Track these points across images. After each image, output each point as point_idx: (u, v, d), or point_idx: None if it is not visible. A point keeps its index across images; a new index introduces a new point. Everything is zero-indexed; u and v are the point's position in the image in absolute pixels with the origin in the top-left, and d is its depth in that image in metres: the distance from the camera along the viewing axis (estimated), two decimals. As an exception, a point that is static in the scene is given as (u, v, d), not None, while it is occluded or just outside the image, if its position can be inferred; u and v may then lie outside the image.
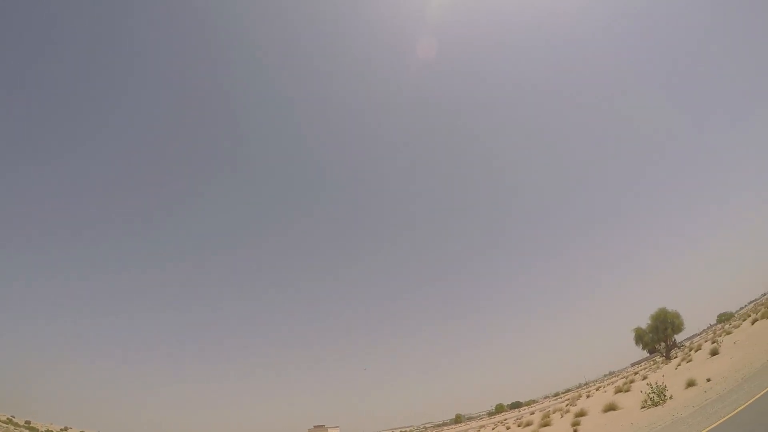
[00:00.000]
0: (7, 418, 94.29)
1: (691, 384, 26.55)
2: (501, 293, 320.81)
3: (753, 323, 47.95)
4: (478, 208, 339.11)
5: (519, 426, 54.73)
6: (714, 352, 39.39)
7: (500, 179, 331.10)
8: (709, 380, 25.49)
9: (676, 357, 61.71)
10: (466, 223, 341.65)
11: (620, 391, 44.37)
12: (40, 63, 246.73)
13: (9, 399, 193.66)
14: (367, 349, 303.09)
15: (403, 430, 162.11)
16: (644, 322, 73.18)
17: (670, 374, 39.99)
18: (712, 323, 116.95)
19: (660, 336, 69.53)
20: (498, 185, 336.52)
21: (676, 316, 69.41)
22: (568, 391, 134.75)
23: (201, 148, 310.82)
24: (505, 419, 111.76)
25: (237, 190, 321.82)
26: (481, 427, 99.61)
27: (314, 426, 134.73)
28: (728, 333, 55.08)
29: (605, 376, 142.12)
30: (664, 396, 25.38)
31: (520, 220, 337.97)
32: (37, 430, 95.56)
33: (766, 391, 15.09)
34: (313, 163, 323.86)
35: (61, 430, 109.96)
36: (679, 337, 78.06)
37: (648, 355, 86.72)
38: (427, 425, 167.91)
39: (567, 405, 57.45)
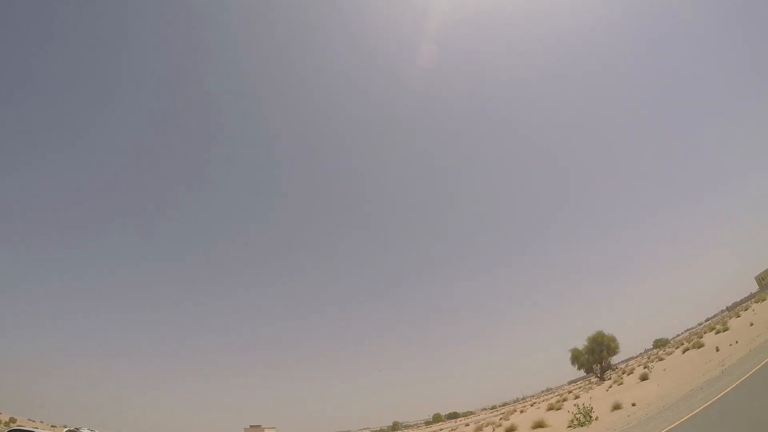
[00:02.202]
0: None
1: (617, 407, 27.40)
2: (446, 306, 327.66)
3: (684, 352, 50.42)
4: (428, 220, 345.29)
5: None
6: (644, 378, 41.05)
7: (444, 187, 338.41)
8: (634, 405, 26.36)
9: (609, 378, 64.25)
10: (411, 235, 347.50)
11: (552, 409, 45.57)
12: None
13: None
14: (309, 353, 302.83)
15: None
16: (583, 343, 75.94)
17: (600, 395, 41.42)
18: (648, 347, 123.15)
19: (596, 357, 72.41)
20: (452, 194, 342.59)
21: (612, 339, 72.61)
22: (505, 404, 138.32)
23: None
24: (441, 429, 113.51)
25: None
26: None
27: (250, 426, 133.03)
28: (660, 359, 57.79)
29: (542, 392, 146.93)
30: (590, 417, 26.04)
31: (465, 233, 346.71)
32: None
33: (680, 421, 15.60)
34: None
35: (9, 420, 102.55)
36: (616, 359, 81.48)
37: (585, 374, 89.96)
38: (364, 430, 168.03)
39: (500, 419, 58.60)
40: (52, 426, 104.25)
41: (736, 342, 35.39)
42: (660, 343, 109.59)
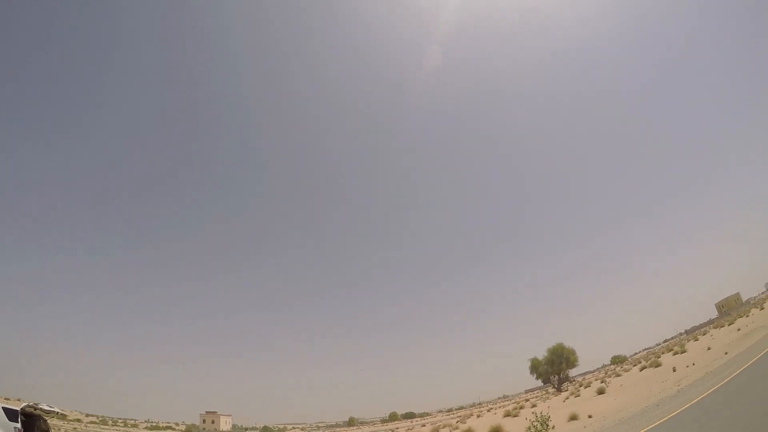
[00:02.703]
0: None
1: (573, 418, 27.85)
2: (408, 307, 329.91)
3: (641, 370, 51.77)
4: (395, 223, 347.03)
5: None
6: (601, 392, 41.95)
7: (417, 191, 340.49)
8: (590, 417, 26.83)
9: (567, 390, 65.51)
10: (378, 236, 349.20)
11: (509, 415, 46.07)
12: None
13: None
14: (268, 344, 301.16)
15: (296, 426, 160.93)
16: (542, 353, 77.41)
17: (557, 406, 42.08)
18: (606, 363, 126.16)
19: (554, 369, 73.90)
20: (427, 197, 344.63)
21: (572, 352, 74.33)
22: (461, 408, 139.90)
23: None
24: (397, 428, 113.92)
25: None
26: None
27: (206, 412, 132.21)
28: (618, 375, 59.19)
29: (499, 398, 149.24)
30: (547, 426, 26.35)
31: (431, 237, 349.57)
32: None
33: (637, 435, 15.88)
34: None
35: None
36: (573, 372, 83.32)
37: (542, 384, 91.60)
38: (320, 424, 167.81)
39: (457, 422, 59.10)
40: (5, 399, 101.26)
41: (693, 364, 36.37)
42: (618, 360, 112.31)
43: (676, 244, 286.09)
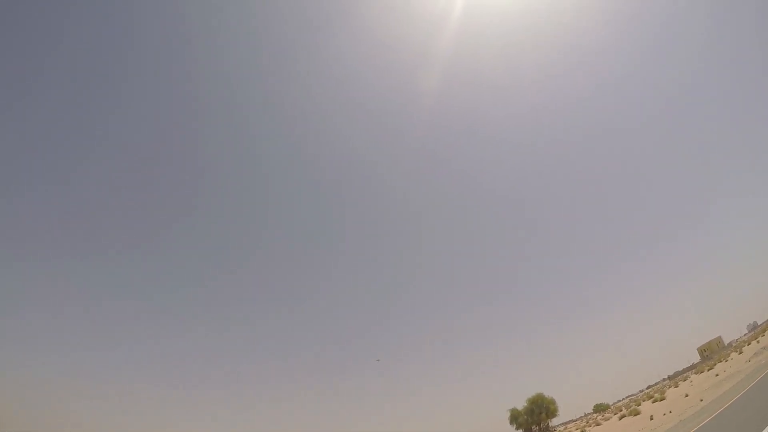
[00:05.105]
0: None
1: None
2: (393, 349, 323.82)
3: (620, 419, 51.82)
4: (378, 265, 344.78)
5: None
6: (579, 442, 41.79)
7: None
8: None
9: (547, 440, 64.87)
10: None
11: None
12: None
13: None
14: (248, 385, 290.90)
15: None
16: (522, 403, 76.88)
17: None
18: (588, 411, 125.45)
19: (534, 419, 73.20)
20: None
21: (552, 402, 74.09)
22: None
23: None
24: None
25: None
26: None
27: None
28: (598, 424, 59.03)
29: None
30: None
31: (421, 275, 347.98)
32: None
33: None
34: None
35: None
36: (556, 421, 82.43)
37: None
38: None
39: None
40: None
41: (670, 412, 36.74)
42: (600, 408, 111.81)
43: (660, 288, 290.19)
